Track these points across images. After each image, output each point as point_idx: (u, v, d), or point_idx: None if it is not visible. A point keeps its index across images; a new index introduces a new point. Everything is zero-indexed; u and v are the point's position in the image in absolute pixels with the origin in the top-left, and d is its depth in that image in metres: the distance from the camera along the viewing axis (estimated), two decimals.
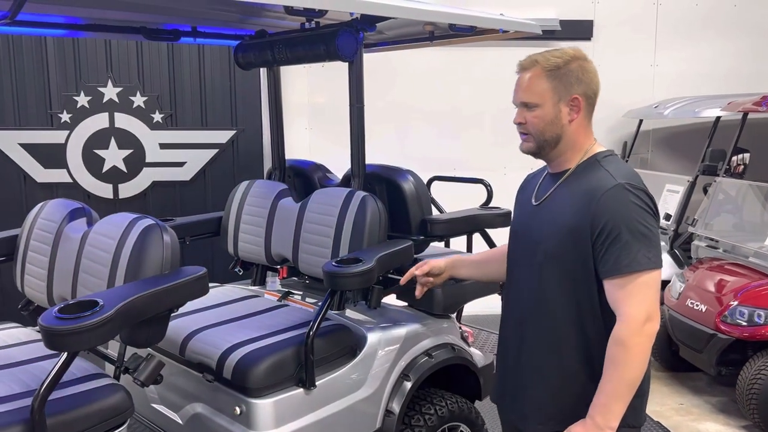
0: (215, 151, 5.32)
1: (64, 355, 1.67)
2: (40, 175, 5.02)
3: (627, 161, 5.78)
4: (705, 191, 5.06)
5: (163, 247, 1.95)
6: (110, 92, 5.05)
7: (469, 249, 3.45)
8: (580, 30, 5.94)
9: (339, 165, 3.37)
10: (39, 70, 4.93)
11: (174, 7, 2.63)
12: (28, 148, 4.98)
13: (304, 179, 3.24)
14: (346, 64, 2.60)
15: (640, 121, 5.87)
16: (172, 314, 1.99)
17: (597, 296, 1.79)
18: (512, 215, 2.11)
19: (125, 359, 2.01)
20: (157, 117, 5.14)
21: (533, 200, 1.94)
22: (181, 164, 5.28)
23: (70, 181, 5.05)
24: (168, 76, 5.17)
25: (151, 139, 5.16)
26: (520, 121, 1.87)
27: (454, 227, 2.86)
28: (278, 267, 3.06)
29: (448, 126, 6.05)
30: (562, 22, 5.81)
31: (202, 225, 3.27)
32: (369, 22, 2.58)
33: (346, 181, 2.96)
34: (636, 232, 1.71)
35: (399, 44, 3.38)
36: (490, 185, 3.49)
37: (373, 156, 3.05)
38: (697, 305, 4.20)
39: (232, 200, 3.18)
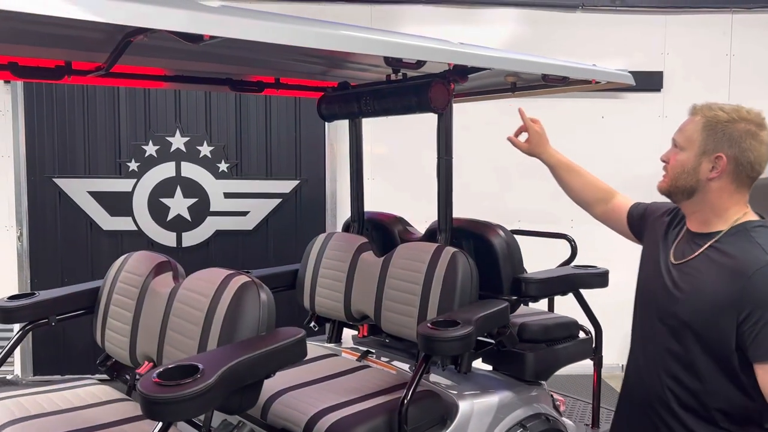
0: (278, 200, 5.30)
1: (159, 425, 1.56)
2: (106, 222, 5.06)
3: None
4: None
5: (259, 306, 1.85)
6: (178, 142, 5.10)
7: (551, 308, 3.28)
8: (650, 81, 5.80)
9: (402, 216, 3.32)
10: (110, 120, 5.03)
11: (263, 59, 2.61)
12: (96, 195, 5.05)
13: (383, 232, 3.14)
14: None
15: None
16: None
17: (738, 368, 1.70)
18: (642, 256, 2.04)
19: (212, 425, 1.89)
20: (223, 166, 5.16)
21: (671, 257, 1.87)
22: (244, 213, 5.27)
23: (135, 228, 5.07)
24: (235, 127, 5.21)
25: (216, 188, 5.18)
26: (664, 159, 1.89)
27: (550, 287, 2.70)
28: (357, 324, 2.93)
29: (510, 177, 5.91)
30: (631, 74, 5.69)
31: (278, 278, 3.18)
32: (462, 73, 2.50)
33: (430, 236, 2.84)
34: None
35: (481, 95, 3.30)
36: (574, 241, 3.35)
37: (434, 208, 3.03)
38: None
39: (310, 253, 3.09)
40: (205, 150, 5.13)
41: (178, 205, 5.13)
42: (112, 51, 2.21)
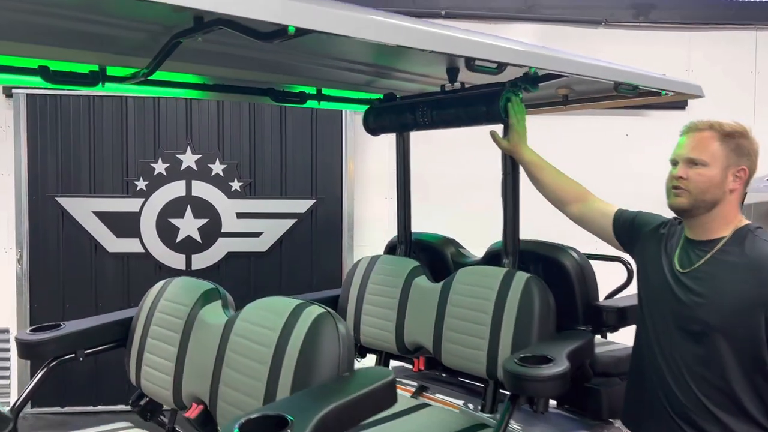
0: (293, 221, 5.06)
1: None
2: (111, 244, 4.79)
3: None
4: None
5: (339, 341, 1.61)
6: (189, 159, 4.86)
7: (604, 336, 3.05)
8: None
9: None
10: (118, 137, 4.78)
11: (308, 66, 2.39)
12: (102, 216, 4.79)
13: (432, 255, 2.89)
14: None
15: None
16: None
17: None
18: (640, 270, 2.08)
19: None
20: (236, 185, 4.93)
21: (677, 266, 1.93)
22: (257, 234, 5.02)
23: (142, 251, 4.81)
24: (248, 144, 4.98)
25: (228, 208, 4.93)
26: (682, 175, 1.90)
27: (633, 316, 2.46)
28: (410, 356, 2.68)
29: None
30: None
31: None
32: (534, 81, 2.29)
33: (490, 259, 2.60)
34: None
35: (532, 108, 3.09)
36: (629, 264, 3.12)
37: (468, 227, 2.76)
38: None
39: (353, 277, 2.84)
40: (217, 168, 4.90)
41: (189, 225, 4.87)
42: (157, 54, 1.98)
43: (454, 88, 2.54)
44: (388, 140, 5.52)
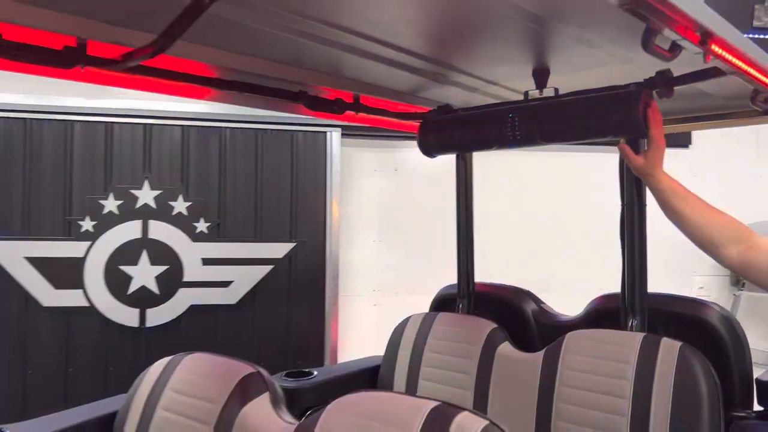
0: (269, 267, 4.39)
1: None
2: (48, 297, 3.97)
3: None
4: None
5: None
6: (146, 196, 4.14)
7: None
8: (678, 137, 5.35)
9: (416, 288, 2.56)
10: (59, 168, 4.02)
11: (356, 60, 1.77)
12: (37, 263, 3.97)
13: (505, 312, 2.24)
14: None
15: None
16: None
17: None
18: None
19: None
20: (202, 226, 4.23)
21: None
22: (226, 284, 4.33)
23: (86, 304, 4.02)
24: (217, 178, 4.31)
25: (191, 254, 4.21)
26: None
27: None
28: None
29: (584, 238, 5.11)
30: None
31: (351, 381, 2.20)
32: (670, 83, 1.73)
33: (596, 318, 1.99)
34: None
35: None
36: None
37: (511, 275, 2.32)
38: None
39: (399, 342, 2.16)
40: (180, 206, 4.19)
41: (143, 274, 4.11)
42: (171, 24, 1.29)
43: (543, 95, 1.96)
44: (378, 174, 4.98)
